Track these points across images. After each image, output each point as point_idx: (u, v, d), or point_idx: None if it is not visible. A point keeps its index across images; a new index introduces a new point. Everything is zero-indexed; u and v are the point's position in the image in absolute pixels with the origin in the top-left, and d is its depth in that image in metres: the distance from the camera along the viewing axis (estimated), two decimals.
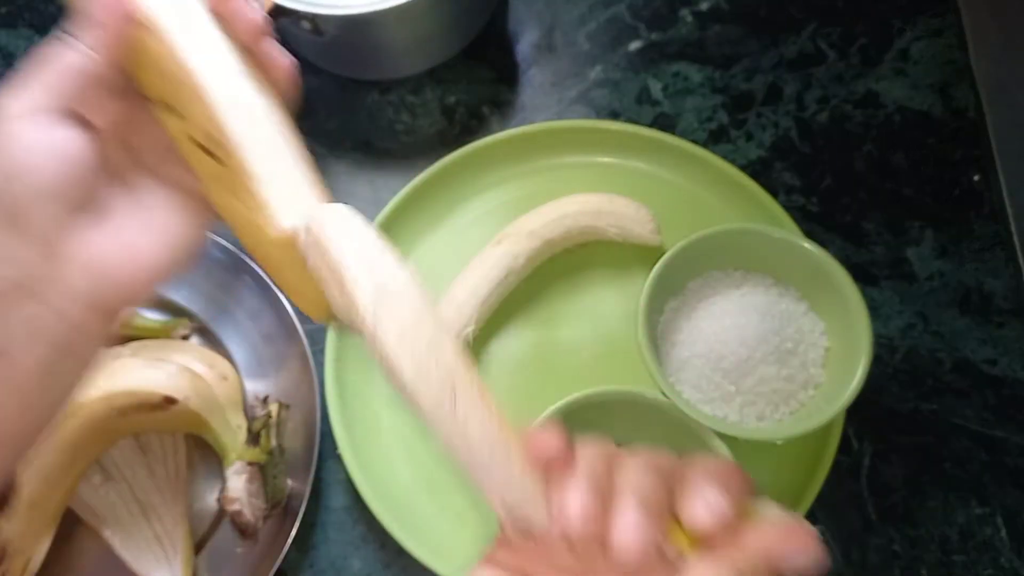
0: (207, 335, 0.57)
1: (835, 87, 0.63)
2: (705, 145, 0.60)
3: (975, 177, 0.60)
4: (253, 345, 0.56)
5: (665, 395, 0.48)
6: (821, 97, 0.63)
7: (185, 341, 0.56)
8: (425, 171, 0.59)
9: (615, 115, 0.63)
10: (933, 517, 0.53)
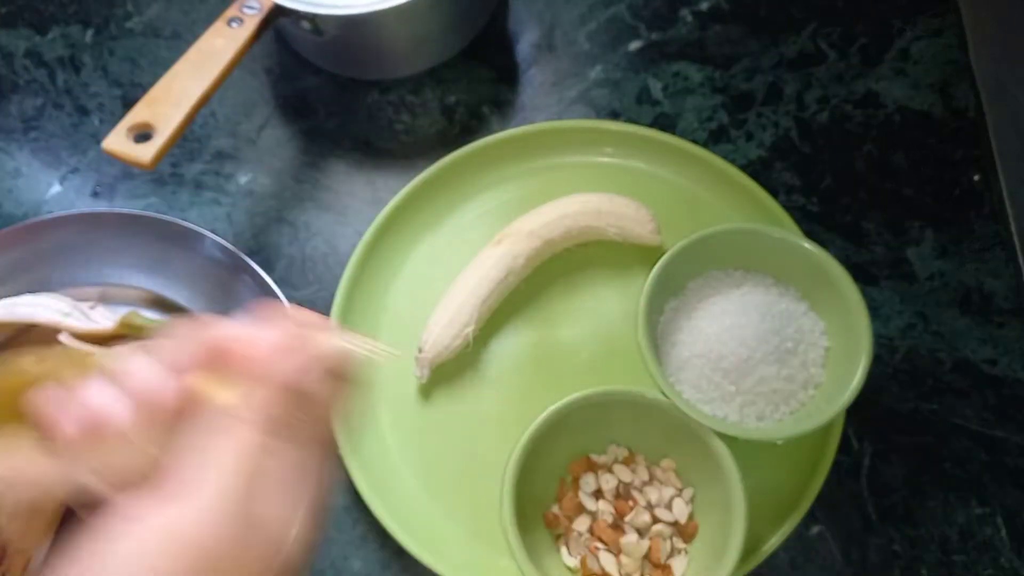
0: None
1: (835, 87, 0.63)
2: (705, 145, 0.60)
3: (975, 177, 0.60)
4: None
5: (665, 395, 0.48)
6: (821, 97, 0.63)
7: None
8: (425, 171, 0.59)
9: (615, 115, 0.63)
10: (933, 517, 0.53)
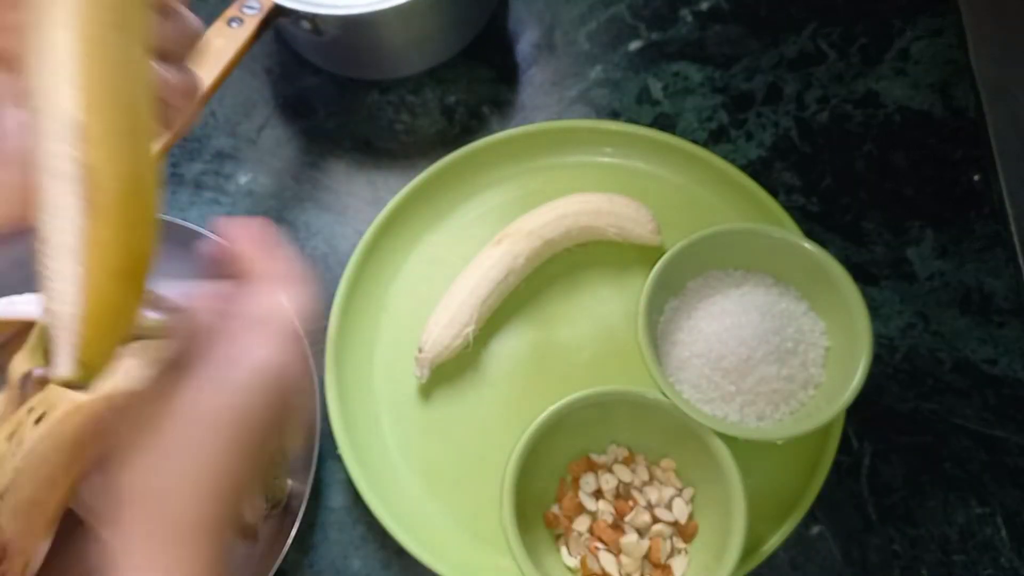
0: None
1: (835, 87, 0.63)
2: (705, 145, 0.60)
3: (975, 177, 0.60)
4: None
5: (665, 395, 0.48)
6: (821, 97, 0.63)
7: None
8: (425, 171, 0.59)
9: (615, 115, 0.63)
10: (933, 517, 0.53)
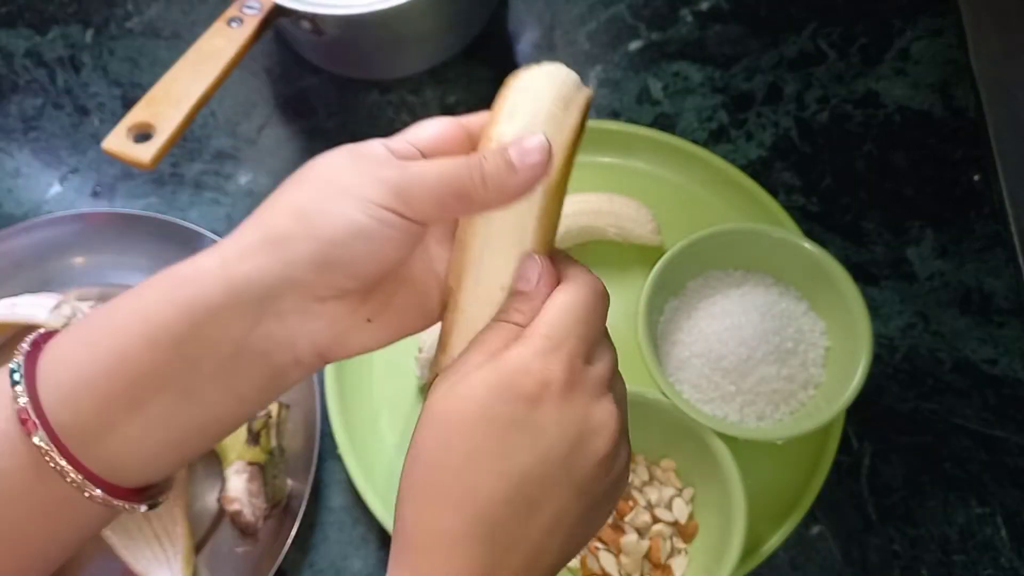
0: None
1: (835, 87, 0.63)
2: (705, 145, 0.60)
3: (975, 177, 0.60)
4: None
5: (665, 395, 0.48)
6: (821, 97, 0.63)
7: None
8: None
9: (615, 115, 0.63)
10: (933, 517, 0.53)
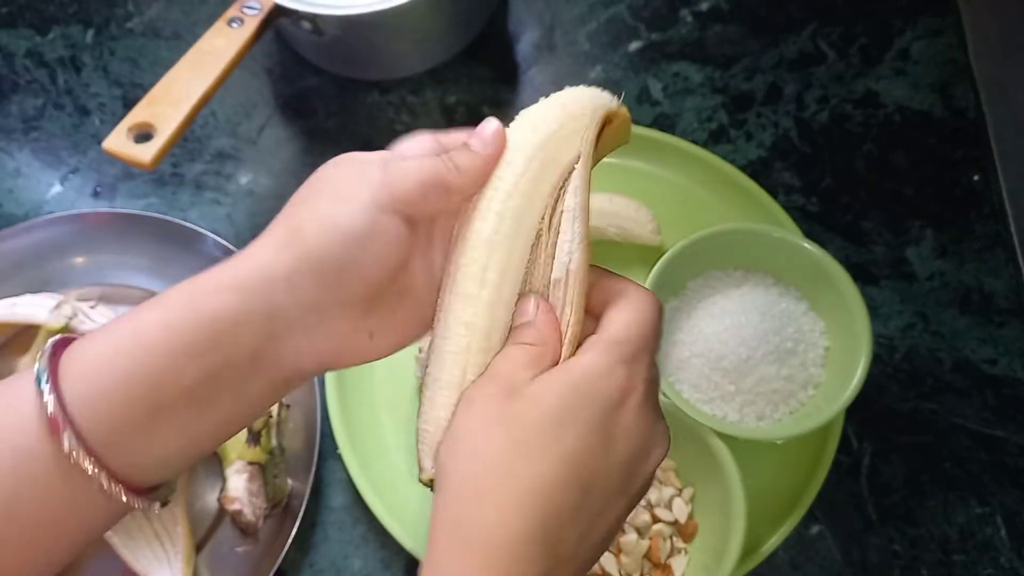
0: None
1: (835, 87, 0.63)
2: (705, 145, 0.60)
3: (975, 177, 0.60)
4: None
5: (665, 395, 0.48)
6: (821, 97, 0.63)
7: None
8: None
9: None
10: (933, 517, 0.53)
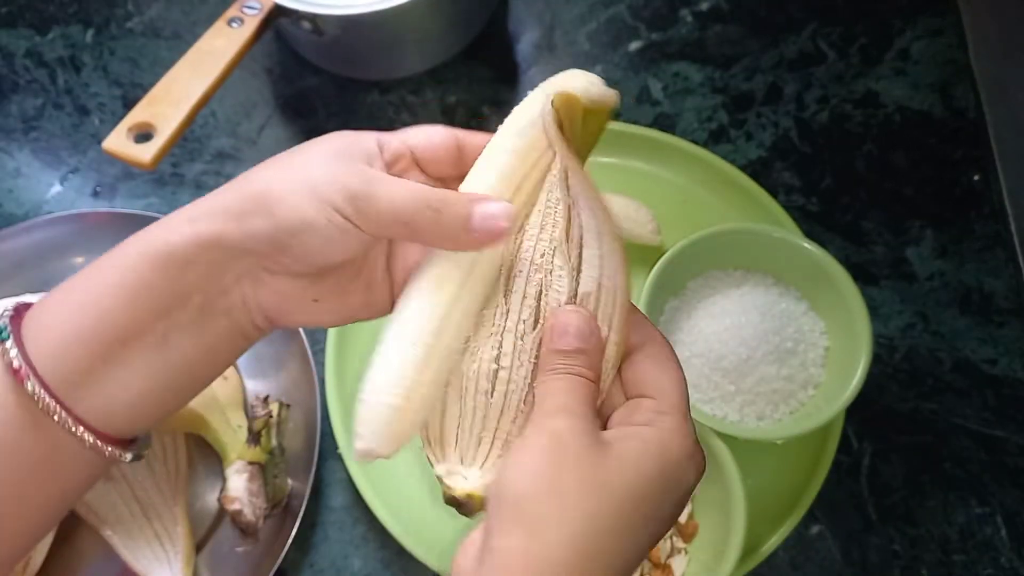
0: None
1: (835, 87, 0.63)
2: (705, 145, 0.60)
3: (975, 177, 0.60)
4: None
5: None
6: (821, 97, 0.63)
7: None
8: None
9: (615, 115, 0.63)
10: (933, 517, 0.53)
